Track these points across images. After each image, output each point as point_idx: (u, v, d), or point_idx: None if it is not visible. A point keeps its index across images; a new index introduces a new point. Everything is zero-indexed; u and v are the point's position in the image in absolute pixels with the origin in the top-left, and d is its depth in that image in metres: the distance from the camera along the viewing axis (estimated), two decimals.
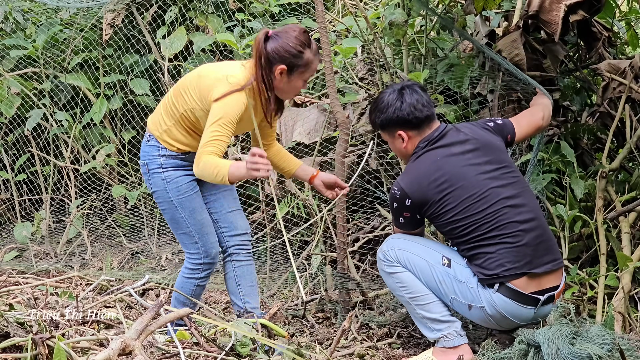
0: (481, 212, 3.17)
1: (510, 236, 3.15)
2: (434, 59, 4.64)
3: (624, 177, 4.49)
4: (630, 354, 2.99)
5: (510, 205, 3.19)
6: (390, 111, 3.31)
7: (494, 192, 3.19)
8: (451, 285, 3.22)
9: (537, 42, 4.41)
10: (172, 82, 5.15)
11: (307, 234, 4.73)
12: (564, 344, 2.90)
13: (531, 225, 3.19)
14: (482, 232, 3.17)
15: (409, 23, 4.45)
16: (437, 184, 3.20)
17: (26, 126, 5.27)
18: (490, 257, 3.16)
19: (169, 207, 3.42)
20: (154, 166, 3.39)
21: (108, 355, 2.45)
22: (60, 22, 5.39)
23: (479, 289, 3.19)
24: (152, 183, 3.42)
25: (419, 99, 3.30)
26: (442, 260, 3.24)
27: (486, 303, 3.18)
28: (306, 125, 4.52)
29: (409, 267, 3.27)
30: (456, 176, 3.21)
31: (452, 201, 3.19)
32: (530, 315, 3.20)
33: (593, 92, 4.99)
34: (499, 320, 3.22)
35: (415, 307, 3.28)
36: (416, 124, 3.30)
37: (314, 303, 4.19)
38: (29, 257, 5.05)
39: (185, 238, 3.45)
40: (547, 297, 3.20)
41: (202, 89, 3.23)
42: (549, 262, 3.20)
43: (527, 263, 3.15)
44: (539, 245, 3.19)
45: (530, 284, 3.17)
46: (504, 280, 3.15)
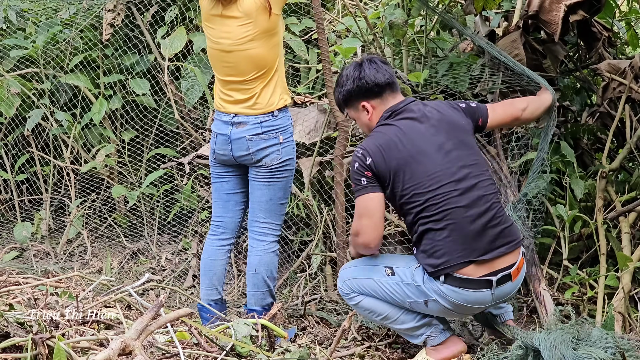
0: (431, 192, 3.12)
1: (455, 222, 3.10)
2: (434, 59, 4.64)
3: (624, 177, 4.49)
4: (631, 354, 2.99)
5: (460, 188, 3.13)
6: (350, 83, 3.32)
7: (447, 172, 3.15)
8: (401, 290, 3.23)
9: (537, 42, 4.41)
10: (172, 82, 5.15)
11: (307, 234, 4.73)
12: (568, 349, 2.90)
13: (480, 210, 3.12)
14: (430, 213, 3.12)
15: (409, 23, 4.45)
16: (396, 152, 3.17)
17: (26, 126, 5.26)
18: (437, 245, 3.11)
19: (289, 175, 3.69)
20: (288, 135, 3.65)
21: (108, 355, 2.45)
22: (60, 22, 5.38)
23: (426, 283, 3.16)
24: (284, 152, 3.62)
25: (378, 69, 3.31)
26: (385, 272, 3.26)
27: (437, 295, 3.16)
28: (306, 125, 4.52)
29: (364, 291, 3.30)
30: (416, 149, 3.17)
31: (408, 174, 3.14)
32: (488, 297, 3.14)
33: (593, 92, 4.99)
34: (457, 309, 3.19)
35: (389, 325, 3.34)
36: (377, 92, 3.29)
37: (314, 303, 4.19)
38: (29, 257, 5.05)
39: (283, 208, 3.72)
40: (502, 276, 3.13)
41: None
42: (500, 246, 3.13)
43: (473, 251, 3.10)
44: (488, 231, 3.12)
45: (479, 269, 3.11)
46: (449, 271, 3.11)
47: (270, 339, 3.24)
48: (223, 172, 3.76)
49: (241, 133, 3.58)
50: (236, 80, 3.58)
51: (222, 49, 3.56)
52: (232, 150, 3.63)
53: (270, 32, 3.50)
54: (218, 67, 3.64)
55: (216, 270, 3.77)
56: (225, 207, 3.79)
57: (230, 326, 3.15)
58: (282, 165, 3.63)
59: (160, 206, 5.22)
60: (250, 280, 3.70)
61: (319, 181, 4.65)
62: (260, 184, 3.64)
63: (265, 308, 3.64)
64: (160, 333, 3.11)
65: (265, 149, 3.58)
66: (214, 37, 3.59)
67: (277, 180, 3.63)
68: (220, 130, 3.65)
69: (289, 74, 5.11)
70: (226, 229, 3.80)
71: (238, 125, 3.59)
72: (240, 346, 3.02)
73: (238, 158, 3.64)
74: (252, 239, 3.71)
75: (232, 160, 3.66)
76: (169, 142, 5.32)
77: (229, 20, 3.51)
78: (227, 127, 3.62)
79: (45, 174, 5.44)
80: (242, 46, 3.51)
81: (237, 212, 3.80)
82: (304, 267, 4.53)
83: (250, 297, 3.71)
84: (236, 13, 3.48)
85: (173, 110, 5.08)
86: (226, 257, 3.81)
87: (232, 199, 3.78)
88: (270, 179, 3.62)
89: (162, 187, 5.12)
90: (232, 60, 3.55)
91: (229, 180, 3.76)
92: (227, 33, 3.52)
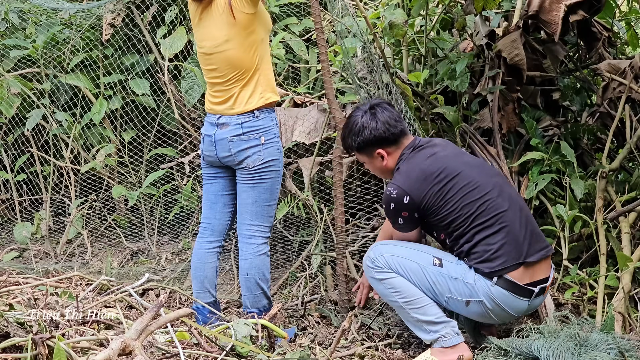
0: (479, 200, 3.24)
1: (506, 225, 3.22)
2: (434, 59, 4.64)
3: (624, 177, 4.49)
4: (631, 354, 2.99)
5: (501, 195, 3.28)
6: (367, 132, 3.40)
7: (485, 182, 3.29)
8: (445, 284, 3.25)
9: (537, 42, 4.42)
10: (172, 82, 5.15)
11: (307, 234, 4.73)
12: (572, 356, 2.90)
13: (520, 214, 3.28)
14: (481, 220, 3.23)
15: (409, 23, 4.45)
16: (434, 176, 3.27)
17: (26, 126, 5.26)
18: (492, 248, 3.21)
19: (274, 177, 3.64)
20: (271, 136, 3.61)
21: (108, 355, 2.45)
22: (60, 22, 5.38)
23: (477, 283, 3.22)
24: (266, 153, 3.59)
25: (391, 116, 3.42)
26: (433, 261, 3.27)
27: (485, 297, 3.22)
28: (306, 125, 4.52)
29: (400, 271, 3.29)
30: (451, 168, 3.29)
31: (451, 190, 3.25)
32: (524, 307, 3.27)
33: (593, 92, 4.99)
34: (496, 313, 3.26)
35: (409, 311, 3.29)
36: (393, 140, 3.40)
37: (313, 303, 4.19)
38: (29, 257, 5.05)
39: (270, 210, 3.67)
40: (540, 289, 3.27)
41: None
42: (541, 249, 3.28)
43: (522, 252, 3.22)
44: (530, 232, 3.27)
45: (525, 274, 3.23)
46: (503, 273, 3.20)
47: (270, 339, 3.24)
48: (211, 174, 3.76)
49: (224, 134, 3.59)
50: (218, 82, 3.60)
51: (205, 52, 3.60)
52: (216, 151, 3.63)
53: (246, 31, 3.49)
54: (204, 70, 3.69)
55: (207, 273, 3.76)
56: (213, 208, 3.78)
57: (230, 326, 3.15)
58: (264, 166, 3.59)
59: (160, 206, 5.22)
60: (243, 284, 3.70)
61: (319, 181, 4.65)
62: (245, 186, 3.63)
63: (261, 310, 3.63)
64: (160, 333, 3.11)
65: (246, 150, 3.57)
66: (198, 41, 3.64)
67: (261, 181, 3.61)
68: (207, 132, 3.67)
69: (289, 74, 5.11)
70: (214, 231, 3.79)
71: (222, 126, 3.60)
72: (240, 346, 3.02)
73: (222, 159, 3.64)
74: (241, 242, 3.70)
75: (218, 161, 3.67)
76: (169, 142, 5.32)
77: (207, 23, 3.54)
78: (212, 129, 3.64)
79: (45, 174, 5.44)
80: (219, 47, 3.53)
81: (225, 214, 3.79)
82: (304, 267, 4.53)
83: (246, 300, 3.71)
84: (213, 14, 3.52)
85: (173, 110, 5.08)
86: (216, 259, 3.79)
87: (220, 200, 3.77)
88: (254, 181, 3.60)
89: (162, 187, 5.12)
90: (213, 62, 3.58)
91: (217, 182, 3.76)
92: (207, 35, 3.56)
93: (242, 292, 3.73)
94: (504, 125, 4.39)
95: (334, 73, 4.51)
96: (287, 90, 4.88)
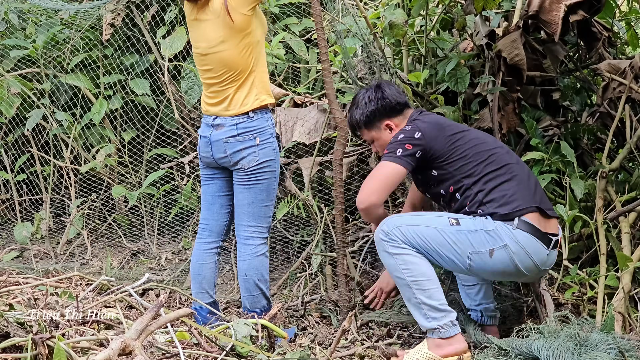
0: (488, 152, 3.36)
1: (518, 175, 3.34)
2: (434, 59, 4.64)
3: (624, 177, 4.49)
4: (631, 354, 2.99)
5: (507, 152, 3.42)
6: (374, 104, 3.48)
7: (492, 142, 3.45)
8: (466, 240, 3.22)
9: (537, 42, 4.41)
10: (172, 82, 5.15)
11: (307, 234, 4.73)
12: (572, 356, 2.90)
13: (529, 175, 3.41)
14: (493, 168, 3.32)
15: (409, 23, 4.45)
16: (445, 125, 3.41)
17: (26, 126, 5.26)
18: (506, 191, 3.28)
19: (270, 177, 3.64)
20: (266, 137, 3.60)
21: (108, 355, 2.45)
22: (60, 22, 5.38)
23: (498, 228, 3.22)
24: (261, 154, 3.58)
25: (396, 89, 3.55)
26: (449, 222, 3.25)
27: (509, 240, 3.22)
28: (306, 125, 4.52)
29: (418, 240, 3.21)
30: (460, 126, 3.45)
31: (461, 140, 3.36)
32: (544, 255, 3.29)
33: (593, 92, 4.99)
34: (521, 259, 3.24)
35: (415, 291, 3.20)
36: (400, 110, 3.50)
37: (313, 303, 4.19)
38: (29, 257, 5.05)
39: (268, 210, 3.66)
40: (555, 241, 3.33)
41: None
42: (549, 209, 3.36)
43: (537, 200, 3.31)
44: (538, 190, 3.38)
45: (541, 222, 3.29)
46: (521, 214, 3.24)
47: (270, 339, 3.24)
48: (209, 175, 3.77)
49: (219, 135, 3.59)
50: (213, 83, 3.60)
51: (200, 53, 3.60)
52: (212, 152, 3.64)
53: (242, 32, 3.49)
54: (199, 71, 3.68)
55: (205, 273, 3.76)
56: (210, 209, 3.79)
57: (230, 326, 3.15)
58: (260, 167, 3.59)
59: (160, 206, 5.22)
60: (242, 285, 3.70)
61: (319, 181, 4.65)
62: (241, 187, 3.63)
63: (260, 310, 3.63)
64: (160, 333, 3.11)
65: (242, 151, 3.57)
66: (193, 41, 3.65)
67: (257, 182, 3.61)
68: (203, 133, 3.68)
69: (289, 74, 5.11)
70: (212, 232, 3.79)
71: (217, 127, 3.60)
72: (240, 346, 3.02)
73: (218, 160, 3.64)
74: (239, 244, 3.70)
75: (214, 162, 3.67)
76: (169, 142, 5.32)
77: (203, 23, 3.54)
78: (208, 130, 3.65)
79: (45, 174, 5.44)
80: (214, 48, 3.52)
81: (223, 215, 3.79)
82: (304, 267, 4.53)
83: (245, 301, 3.71)
84: (209, 15, 3.52)
85: (173, 110, 5.08)
86: (214, 260, 3.80)
87: (217, 201, 3.77)
88: (250, 182, 3.60)
89: (162, 187, 5.12)
90: (208, 62, 3.58)
91: (214, 183, 3.76)
92: (202, 36, 3.56)
93: (241, 292, 3.74)
94: (504, 125, 4.38)
95: (334, 73, 4.51)
96: (287, 90, 4.88)
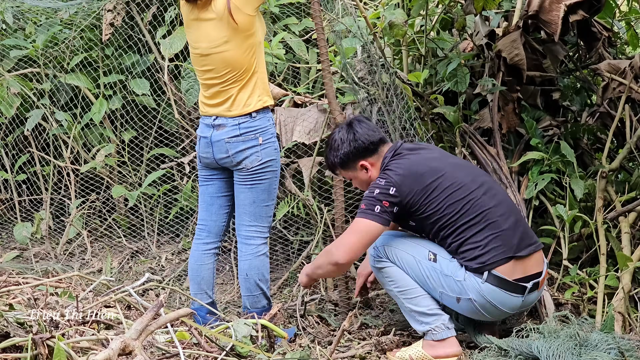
0: (463, 200, 3.28)
1: (493, 222, 3.27)
2: (434, 59, 4.64)
3: (624, 177, 4.49)
4: (631, 354, 2.99)
5: (486, 193, 3.33)
6: (346, 146, 3.46)
7: (470, 181, 3.34)
8: (438, 279, 3.30)
9: (537, 42, 4.42)
10: (172, 82, 5.15)
11: (307, 234, 4.73)
12: (572, 356, 2.90)
13: (507, 210, 3.33)
14: (467, 219, 3.27)
15: (409, 23, 4.45)
16: (419, 174, 3.32)
17: (26, 126, 5.26)
18: (479, 244, 3.25)
19: (272, 177, 3.63)
20: (268, 136, 3.60)
21: (108, 355, 2.45)
22: (60, 22, 5.38)
23: (466, 280, 3.26)
24: (264, 154, 3.58)
25: (368, 126, 3.49)
26: (428, 256, 3.33)
27: (474, 294, 3.26)
28: (306, 125, 4.52)
29: (397, 262, 3.37)
30: (435, 169, 3.34)
31: (436, 190, 3.29)
32: (518, 303, 3.30)
33: (593, 92, 4.99)
34: (488, 310, 3.29)
35: (403, 300, 3.38)
36: (373, 149, 3.46)
37: (314, 303, 4.19)
38: (29, 257, 5.04)
39: (269, 210, 3.66)
40: (533, 284, 3.30)
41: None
42: (530, 244, 3.32)
43: (512, 247, 3.26)
44: (518, 228, 3.31)
45: (516, 269, 3.26)
46: (491, 268, 3.23)
47: (270, 339, 3.24)
48: (208, 175, 3.76)
49: (221, 135, 3.58)
50: (215, 83, 3.58)
51: (200, 53, 3.57)
52: (213, 152, 3.62)
53: (246, 33, 3.48)
54: (198, 71, 3.66)
55: (204, 274, 3.76)
56: (209, 210, 3.78)
57: (230, 326, 3.15)
58: (262, 167, 3.59)
59: (160, 206, 5.22)
60: (243, 285, 3.70)
61: (319, 181, 4.65)
62: (242, 187, 3.62)
63: (261, 310, 3.63)
64: (161, 333, 3.11)
65: (244, 151, 3.56)
66: (193, 42, 3.61)
67: (259, 182, 3.60)
68: (203, 133, 3.66)
69: (289, 74, 5.11)
70: (210, 233, 3.78)
71: (218, 127, 3.59)
72: (240, 346, 3.02)
73: (219, 160, 3.63)
74: (240, 243, 3.70)
75: (215, 163, 3.66)
76: (169, 142, 5.32)
77: (205, 23, 3.52)
78: (208, 130, 3.63)
79: (45, 174, 5.44)
80: (217, 49, 3.51)
81: (222, 215, 3.78)
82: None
83: (245, 301, 3.71)
84: (211, 15, 3.49)
85: (173, 110, 5.08)
86: (212, 260, 3.79)
87: (216, 202, 3.76)
88: (252, 182, 3.60)
89: (162, 187, 5.12)
90: (210, 63, 3.55)
91: (213, 184, 3.75)
92: (203, 36, 3.53)
93: (241, 292, 3.73)
94: (504, 125, 4.39)
95: (334, 73, 4.51)
96: (287, 90, 4.88)
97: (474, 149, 4.33)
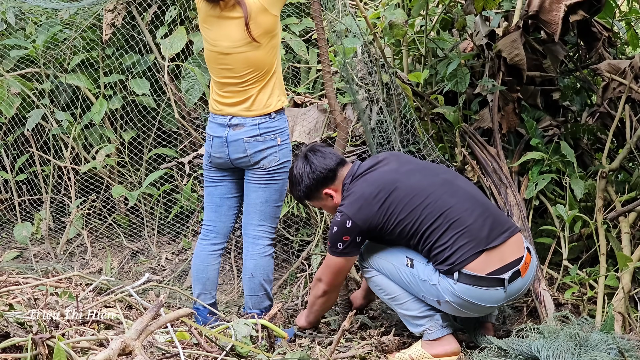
0: (421, 205, 3.29)
1: (456, 220, 3.26)
2: (434, 59, 4.64)
3: (624, 177, 4.49)
4: (631, 354, 2.99)
5: (446, 190, 3.32)
6: (305, 179, 3.50)
7: (427, 184, 3.34)
8: (417, 284, 3.34)
9: (537, 42, 4.42)
10: (172, 82, 5.15)
11: (307, 234, 4.73)
12: (572, 356, 2.90)
13: (471, 203, 3.32)
14: (429, 223, 3.27)
15: (409, 23, 4.45)
16: (372, 196, 3.33)
17: (26, 126, 5.26)
18: (445, 246, 3.25)
19: (285, 178, 3.65)
20: (285, 137, 3.63)
21: (108, 355, 2.45)
22: (60, 22, 5.38)
23: (440, 284, 3.27)
24: (282, 155, 3.61)
25: (323, 155, 3.51)
26: (405, 262, 3.36)
27: (450, 296, 3.26)
28: (306, 125, 4.52)
29: (381, 270, 3.42)
30: (388, 184, 3.35)
31: (392, 205, 3.31)
32: (501, 295, 3.28)
33: (593, 92, 5.00)
34: (469, 308, 3.29)
35: (394, 306, 3.43)
36: (332, 177, 3.49)
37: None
38: (29, 257, 5.04)
39: (278, 211, 3.68)
40: (512, 273, 3.26)
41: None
42: (503, 232, 3.29)
43: (481, 240, 3.24)
44: (487, 219, 3.29)
45: (491, 261, 3.24)
46: (461, 267, 3.22)
47: (270, 339, 3.24)
48: (217, 176, 3.74)
49: (238, 135, 3.56)
50: (233, 82, 3.55)
51: (220, 51, 3.52)
52: (228, 152, 3.60)
53: (271, 33, 3.48)
54: (215, 69, 3.60)
55: (209, 275, 3.76)
56: (218, 211, 3.77)
57: (230, 326, 3.15)
58: (279, 167, 3.61)
59: (160, 206, 5.22)
60: (246, 285, 3.69)
61: None
62: (256, 186, 3.62)
63: (263, 311, 3.63)
64: (161, 333, 3.11)
65: (263, 151, 3.56)
66: (211, 39, 3.55)
67: (273, 182, 3.61)
68: (216, 133, 3.63)
69: (289, 74, 5.11)
70: (218, 234, 3.78)
71: (235, 127, 3.57)
72: (240, 346, 3.02)
73: (234, 161, 3.62)
74: (247, 242, 3.70)
75: (229, 163, 3.64)
76: (169, 142, 5.32)
77: (228, 22, 3.47)
78: (223, 130, 3.60)
79: (45, 174, 5.44)
80: (240, 48, 3.48)
81: (230, 216, 3.78)
82: (303, 267, 4.53)
83: (248, 301, 3.70)
84: (236, 14, 3.45)
85: (173, 110, 5.08)
86: (218, 261, 3.80)
87: (226, 203, 3.76)
88: (267, 182, 3.60)
89: (162, 187, 5.12)
90: (230, 62, 3.52)
91: (223, 185, 3.74)
92: (224, 35, 3.49)
93: (244, 292, 3.73)
94: (504, 125, 4.39)
95: (334, 73, 4.51)
96: (287, 90, 4.88)
97: (474, 149, 4.33)
